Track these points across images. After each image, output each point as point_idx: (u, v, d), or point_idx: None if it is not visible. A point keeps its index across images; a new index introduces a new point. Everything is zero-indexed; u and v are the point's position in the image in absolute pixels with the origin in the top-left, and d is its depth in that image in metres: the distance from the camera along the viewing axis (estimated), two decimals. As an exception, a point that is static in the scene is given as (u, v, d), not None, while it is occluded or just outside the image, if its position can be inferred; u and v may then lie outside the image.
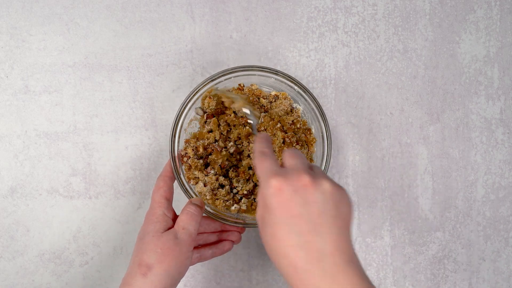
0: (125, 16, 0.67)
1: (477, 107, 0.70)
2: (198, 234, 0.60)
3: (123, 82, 0.67)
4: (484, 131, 0.70)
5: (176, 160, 0.58)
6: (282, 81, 0.60)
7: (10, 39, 0.66)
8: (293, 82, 0.59)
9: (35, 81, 0.66)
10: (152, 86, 0.67)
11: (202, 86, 0.59)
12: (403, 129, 0.69)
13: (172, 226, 0.53)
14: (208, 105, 0.60)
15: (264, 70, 0.59)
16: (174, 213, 0.55)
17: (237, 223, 0.59)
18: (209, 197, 0.60)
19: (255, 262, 0.68)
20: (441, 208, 0.69)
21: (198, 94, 0.59)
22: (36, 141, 0.66)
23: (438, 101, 0.69)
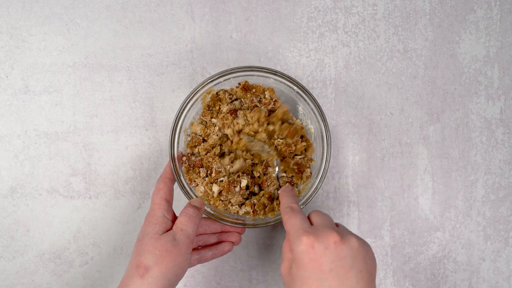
0: (125, 16, 0.67)
1: (477, 107, 0.70)
2: (198, 236, 0.60)
3: (123, 82, 0.67)
4: (484, 131, 0.70)
5: (176, 161, 0.58)
6: (281, 82, 0.60)
7: (10, 39, 0.66)
8: (292, 83, 0.59)
9: (35, 81, 0.66)
10: (152, 86, 0.67)
11: (202, 87, 0.59)
12: (403, 129, 0.69)
13: (171, 228, 0.53)
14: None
15: (263, 71, 0.59)
16: (174, 215, 0.55)
17: (237, 224, 0.59)
18: (210, 198, 0.60)
19: (255, 262, 0.68)
20: (441, 208, 0.69)
21: (198, 95, 0.59)
22: (36, 141, 0.66)
23: (438, 101, 0.69)
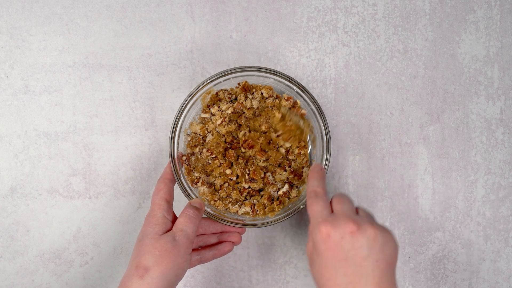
0: (125, 16, 0.67)
1: (477, 107, 0.69)
2: (198, 236, 0.60)
3: (123, 82, 0.67)
4: (484, 131, 0.70)
5: (176, 162, 0.58)
6: (281, 82, 0.60)
7: (10, 39, 0.66)
8: (292, 83, 0.59)
9: (35, 81, 0.66)
10: (152, 86, 0.67)
11: (201, 87, 0.59)
12: (403, 129, 0.69)
13: (171, 229, 0.53)
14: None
15: (263, 71, 0.59)
16: (174, 215, 0.55)
17: (237, 224, 0.59)
18: (210, 198, 0.60)
19: (255, 262, 0.68)
20: (441, 208, 0.69)
21: (198, 95, 0.59)
22: (36, 141, 0.66)
23: (438, 101, 0.69)
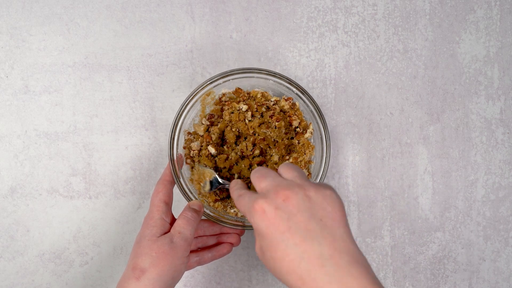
0: (125, 16, 0.67)
1: (477, 107, 0.69)
2: (197, 237, 0.60)
3: (123, 82, 0.67)
4: (484, 131, 0.69)
5: (175, 163, 0.58)
6: (280, 83, 0.60)
7: (10, 39, 0.66)
8: (291, 84, 0.59)
9: (35, 81, 0.66)
10: (152, 86, 0.67)
11: (201, 88, 0.59)
12: (403, 129, 0.69)
13: (169, 231, 0.53)
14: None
15: (262, 72, 0.59)
16: (173, 217, 0.55)
17: (236, 226, 0.59)
18: (211, 199, 0.60)
19: (255, 262, 0.68)
20: (441, 208, 0.69)
21: (197, 96, 0.59)
22: (36, 141, 0.66)
23: (438, 101, 0.69)
